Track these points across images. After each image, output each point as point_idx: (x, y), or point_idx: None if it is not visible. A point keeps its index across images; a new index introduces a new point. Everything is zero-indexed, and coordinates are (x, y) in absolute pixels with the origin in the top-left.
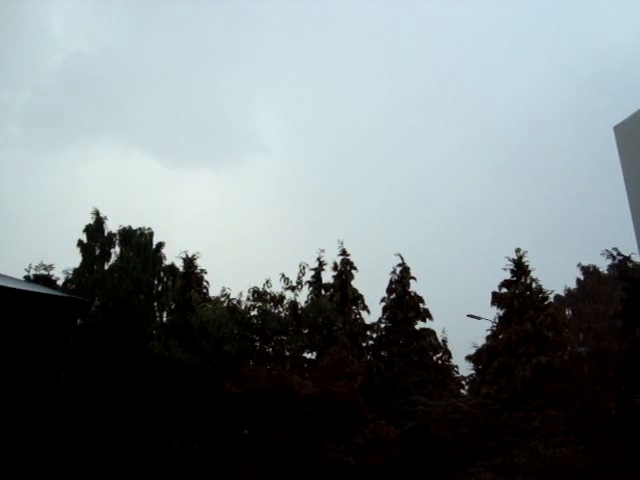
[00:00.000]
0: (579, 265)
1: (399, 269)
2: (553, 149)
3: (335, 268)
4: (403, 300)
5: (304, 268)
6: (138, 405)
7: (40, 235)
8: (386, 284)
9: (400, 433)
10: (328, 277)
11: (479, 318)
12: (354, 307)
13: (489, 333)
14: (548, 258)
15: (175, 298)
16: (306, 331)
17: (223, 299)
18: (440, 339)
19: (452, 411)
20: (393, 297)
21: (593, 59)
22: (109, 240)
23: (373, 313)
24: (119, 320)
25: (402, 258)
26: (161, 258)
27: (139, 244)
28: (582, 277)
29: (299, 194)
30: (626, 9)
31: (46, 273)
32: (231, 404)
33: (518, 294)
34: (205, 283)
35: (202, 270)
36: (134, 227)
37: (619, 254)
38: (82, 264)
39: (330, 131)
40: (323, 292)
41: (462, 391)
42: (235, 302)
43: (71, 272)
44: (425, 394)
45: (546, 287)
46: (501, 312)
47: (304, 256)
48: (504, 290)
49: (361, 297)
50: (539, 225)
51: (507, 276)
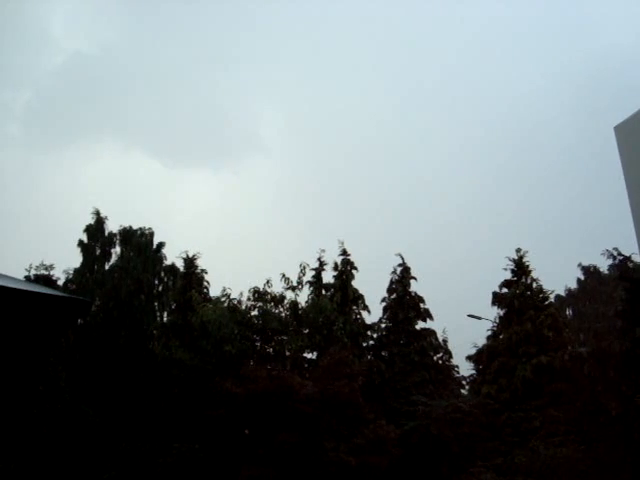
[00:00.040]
0: (579, 265)
1: (399, 269)
2: (553, 149)
3: (335, 268)
4: (404, 300)
5: (304, 268)
6: (138, 405)
7: (40, 235)
8: (386, 284)
9: (400, 433)
10: (328, 277)
11: (479, 318)
12: (354, 307)
13: (489, 333)
14: (548, 258)
15: (175, 298)
16: (306, 331)
17: (223, 299)
18: (441, 339)
19: (453, 411)
20: (394, 297)
21: (593, 59)
22: (109, 240)
23: (374, 313)
24: (119, 320)
25: (402, 258)
26: (161, 258)
27: (139, 244)
28: (582, 277)
29: (299, 194)
30: (626, 9)
31: (46, 273)
32: (231, 404)
33: (518, 294)
34: (205, 283)
35: (202, 270)
36: (134, 227)
37: (619, 254)
38: (82, 264)
39: (330, 131)
40: (324, 292)
41: (463, 391)
42: (235, 302)
43: (71, 272)
44: (426, 394)
45: (546, 287)
46: (501, 312)
47: (304, 256)
48: (504, 290)
49: (361, 297)
50: (539, 225)
51: (507, 276)
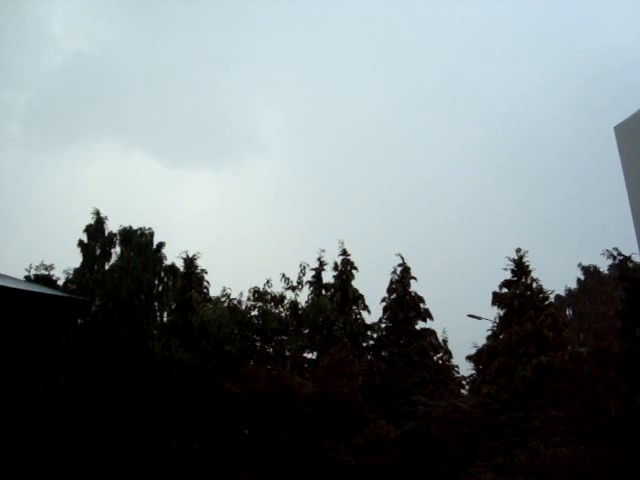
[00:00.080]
0: (579, 265)
1: (399, 269)
2: (553, 149)
3: (336, 268)
4: (404, 300)
5: (304, 268)
6: (138, 405)
7: (40, 235)
8: (386, 284)
9: (400, 433)
10: (329, 277)
11: (479, 318)
12: (354, 307)
13: (489, 333)
14: (548, 258)
15: (176, 298)
16: (306, 331)
17: (224, 299)
18: (441, 339)
19: (453, 411)
20: (394, 297)
21: (593, 59)
22: (109, 240)
23: (374, 313)
24: (119, 320)
25: (402, 258)
26: (161, 258)
27: (139, 244)
28: (582, 277)
29: (299, 194)
30: (626, 9)
31: (46, 273)
32: (231, 404)
33: (518, 294)
34: (205, 283)
35: (202, 270)
36: (134, 227)
37: (619, 254)
38: (82, 264)
39: (330, 131)
40: (323, 292)
41: (462, 391)
42: (235, 302)
43: (71, 272)
44: (426, 394)
45: (546, 287)
46: (501, 312)
47: (304, 256)
48: (504, 290)
49: (361, 297)
50: (539, 225)
51: (507, 276)
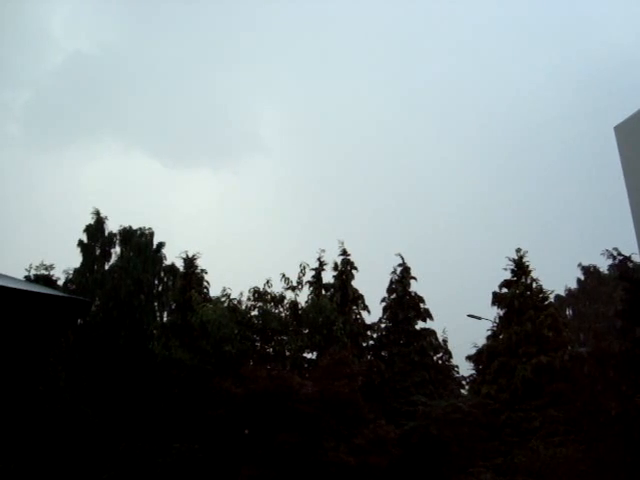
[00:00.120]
0: (579, 265)
1: (399, 269)
2: (553, 149)
3: (335, 268)
4: (403, 300)
5: (304, 268)
6: (138, 405)
7: (40, 235)
8: (386, 284)
9: (400, 433)
10: (328, 277)
11: (479, 318)
12: (354, 307)
13: (489, 333)
14: (548, 258)
15: (175, 298)
16: (306, 331)
17: (223, 299)
18: (440, 339)
19: (452, 411)
20: (393, 297)
21: (593, 59)
22: (109, 240)
23: (373, 313)
24: (119, 320)
25: (402, 258)
26: (161, 258)
27: (139, 244)
28: (582, 277)
29: (299, 194)
30: (626, 9)
31: (46, 273)
32: (231, 404)
33: (518, 294)
34: (205, 283)
35: (202, 270)
36: (134, 227)
37: (619, 254)
38: (82, 264)
39: (330, 131)
40: (323, 292)
41: (462, 391)
42: (235, 302)
43: (71, 272)
44: (425, 394)
45: (546, 287)
46: (501, 312)
47: (304, 256)
48: (504, 290)
49: (361, 297)
50: (539, 225)
51: (507, 276)
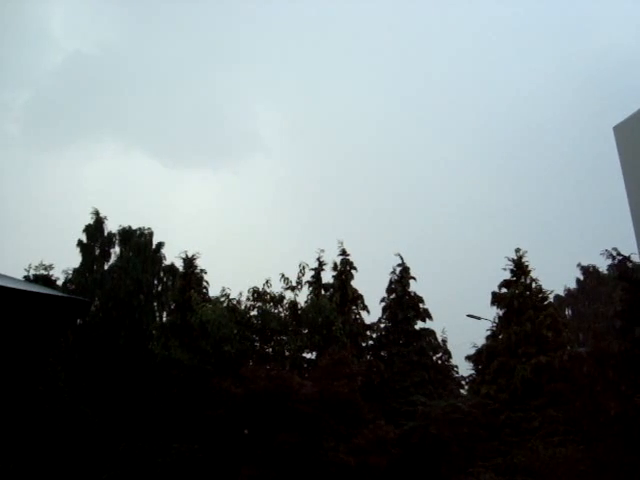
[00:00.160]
0: (579, 265)
1: (399, 269)
2: (553, 149)
3: (335, 268)
4: (403, 300)
5: (304, 268)
6: (138, 405)
7: (40, 235)
8: (386, 284)
9: (400, 433)
10: (328, 277)
11: (479, 318)
12: (354, 307)
13: (489, 333)
14: (548, 258)
15: (175, 298)
16: (306, 331)
17: (223, 299)
18: (440, 339)
19: (452, 411)
20: (393, 297)
21: (593, 59)
22: (109, 240)
23: (373, 313)
24: (119, 320)
25: (402, 258)
26: (161, 258)
27: (139, 244)
28: (582, 277)
29: (299, 194)
30: (626, 9)
31: (46, 273)
32: (231, 404)
33: (518, 294)
34: (205, 283)
35: (202, 270)
36: (134, 227)
37: (619, 254)
38: (82, 264)
39: (330, 131)
40: (323, 292)
41: (462, 391)
42: (235, 302)
43: (71, 272)
44: (425, 394)
45: (546, 287)
46: (501, 312)
47: (304, 256)
48: (504, 290)
49: (361, 297)
50: (539, 225)
51: (507, 276)
